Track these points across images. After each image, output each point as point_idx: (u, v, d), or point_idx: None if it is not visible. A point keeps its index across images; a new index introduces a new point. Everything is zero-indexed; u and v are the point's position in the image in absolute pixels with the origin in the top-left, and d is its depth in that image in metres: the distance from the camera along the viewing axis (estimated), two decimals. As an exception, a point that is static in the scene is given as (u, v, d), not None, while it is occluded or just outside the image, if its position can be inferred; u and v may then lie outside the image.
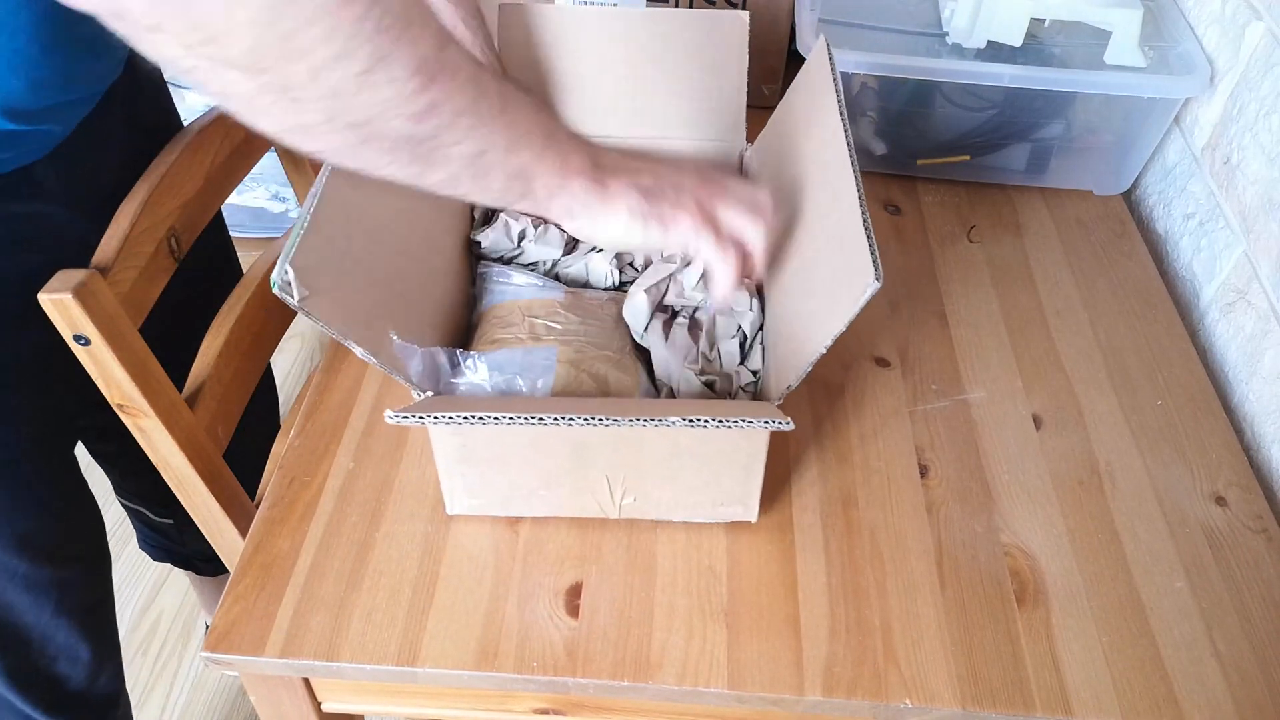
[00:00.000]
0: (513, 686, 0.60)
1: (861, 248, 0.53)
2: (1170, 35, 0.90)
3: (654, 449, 0.60)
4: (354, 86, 0.40)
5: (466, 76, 0.45)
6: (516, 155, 0.50)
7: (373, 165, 0.46)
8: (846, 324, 0.52)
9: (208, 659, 0.60)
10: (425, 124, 0.44)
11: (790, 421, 0.54)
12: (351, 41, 0.39)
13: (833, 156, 0.61)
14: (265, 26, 0.37)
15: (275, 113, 0.41)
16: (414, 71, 0.42)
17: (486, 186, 0.50)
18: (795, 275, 0.64)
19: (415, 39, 0.42)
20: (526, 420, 0.54)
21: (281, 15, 0.37)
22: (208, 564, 1.20)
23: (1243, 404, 0.78)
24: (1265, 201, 0.78)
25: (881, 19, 0.95)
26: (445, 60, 0.44)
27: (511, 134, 0.49)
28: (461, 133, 0.46)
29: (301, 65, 0.39)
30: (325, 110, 0.41)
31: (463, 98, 0.45)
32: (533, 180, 0.52)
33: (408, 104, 0.43)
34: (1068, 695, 0.58)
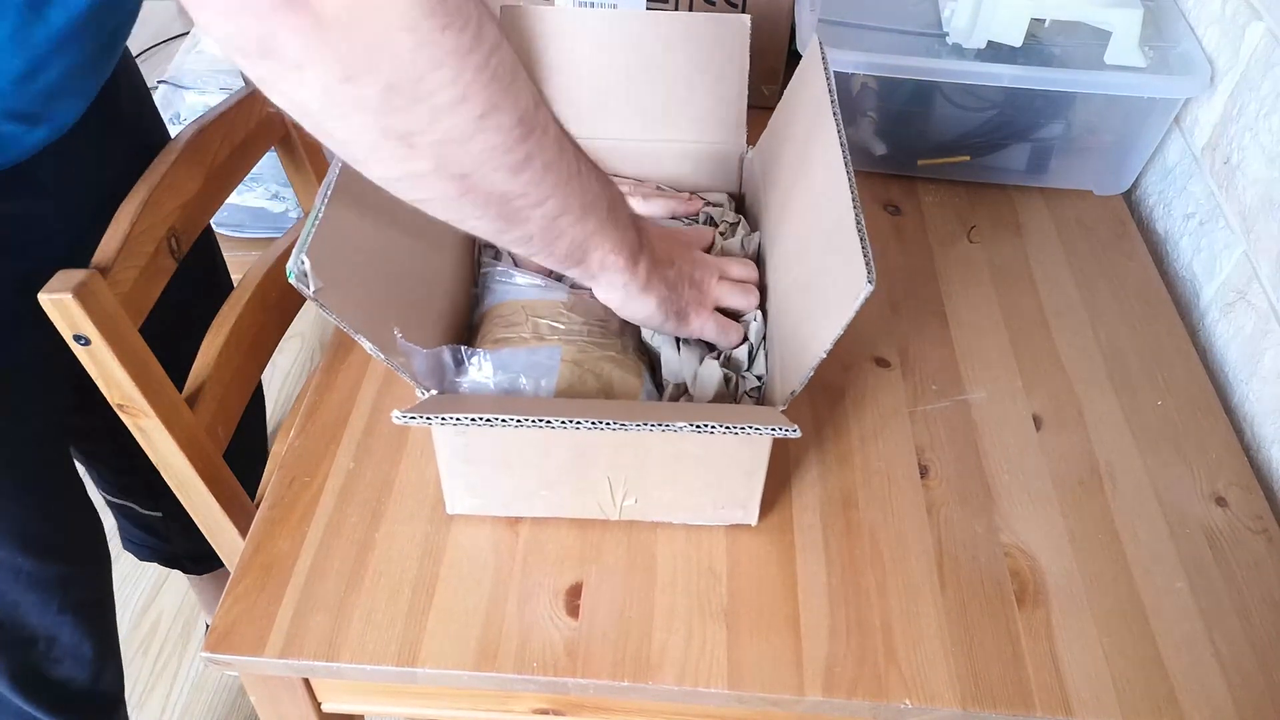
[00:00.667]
0: (513, 687, 0.60)
1: (855, 251, 0.53)
2: (1170, 35, 0.90)
3: (656, 452, 0.60)
4: (467, 131, 0.42)
5: (554, 136, 0.48)
6: (585, 223, 0.52)
7: (463, 217, 0.48)
8: (843, 328, 0.52)
9: (208, 659, 0.60)
10: (520, 177, 0.46)
11: (796, 429, 0.54)
12: (472, 87, 0.41)
13: (827, 158, 0.61)
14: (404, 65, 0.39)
15: (390, 160, 0.43)
16: (518, 121, 0.44)
17: (552, 250, 0.53)
18: (795, 280, 0.64)
19: (520, 91, 0.44)
20: (533, 423, 0.54)
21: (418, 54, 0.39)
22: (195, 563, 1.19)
23: (1243, 404, 0.78)
24: (1265, 201, 0.78)
25: (881, 19, 0.95)
26: (539, 116, 0.46)
27: (583, 199, 0.51)
28: (547, 190, 0.48)
29: (424, 107, 0.41)
30: (437, 157, 0.43)
31: (551, 154, 0.47)
32: (590, 252, 0.54)
33: (509, 154, 0.45)
34: (1068, 695, 0.58)
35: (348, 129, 0.42)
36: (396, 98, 0.40)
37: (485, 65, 0.41)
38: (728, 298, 0.66)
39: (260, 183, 1.52)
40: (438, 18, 0.39)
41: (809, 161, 0.66)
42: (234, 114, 0.84)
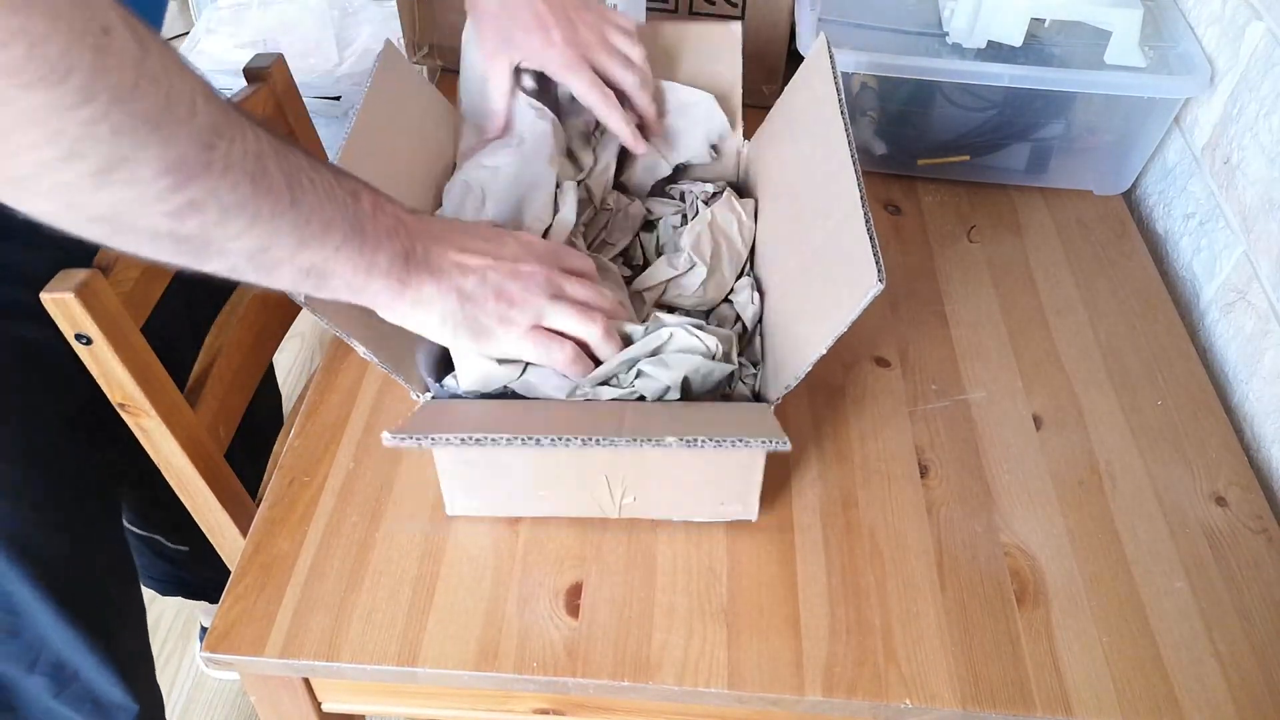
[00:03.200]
0: (513, 686, 0.60)
1: (865, 249, 0.53)
2: (1170, 35, 0.90)
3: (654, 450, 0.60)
4: (89, 185, 0.37)
5: (243, 173, 0.42)
6: (307, 251, 0.46)
7: (138, 252, 0.42)
8: (848, 325, 0.52)
9: (208, 659, 0.60)
10: (187, 221, 0.41)
11: (788, 441, 0.54)
12: (80, 144, 0.36)
13: (834, 156, 0.61)
14: None
15: (14, 199, 0.38)
16: (163, 172, 0.39)
17: (276, 279, 0.47)
18: (794, 274, 0.64)
19: (170, 136, 0.38)
20: (525, 442, 0.54)
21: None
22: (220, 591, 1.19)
23: (1243, 404, 0.78)
24: (1265, 201, 0.78)
25: (881, 19, 0.95)
26: (212, 159, 0.40)
27: (303, 232, 0.46)
28: (236, 230, 0.43)
29: (24, 160, 0.36)
30: (61, 202, 0.38)
31: (233, 197, 0.42)
32: (329, 277, 0.49)
33: (159, 203, 0.39)
34: (1068, 695, 0.58)
35: None
36: None
37: (102, 118, 0.35)
38: (556, 318, 0.58)
39: (261, 183, 1.52)
40: (20, 75, 0.33)
41: (813, 157, 0.66)
42: (234, 114, 0.84)
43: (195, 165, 0.40)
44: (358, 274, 0.50)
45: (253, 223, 0.43)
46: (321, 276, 0.48)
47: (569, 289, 0.59)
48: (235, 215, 0.42)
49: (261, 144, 0.43)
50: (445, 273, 0.54)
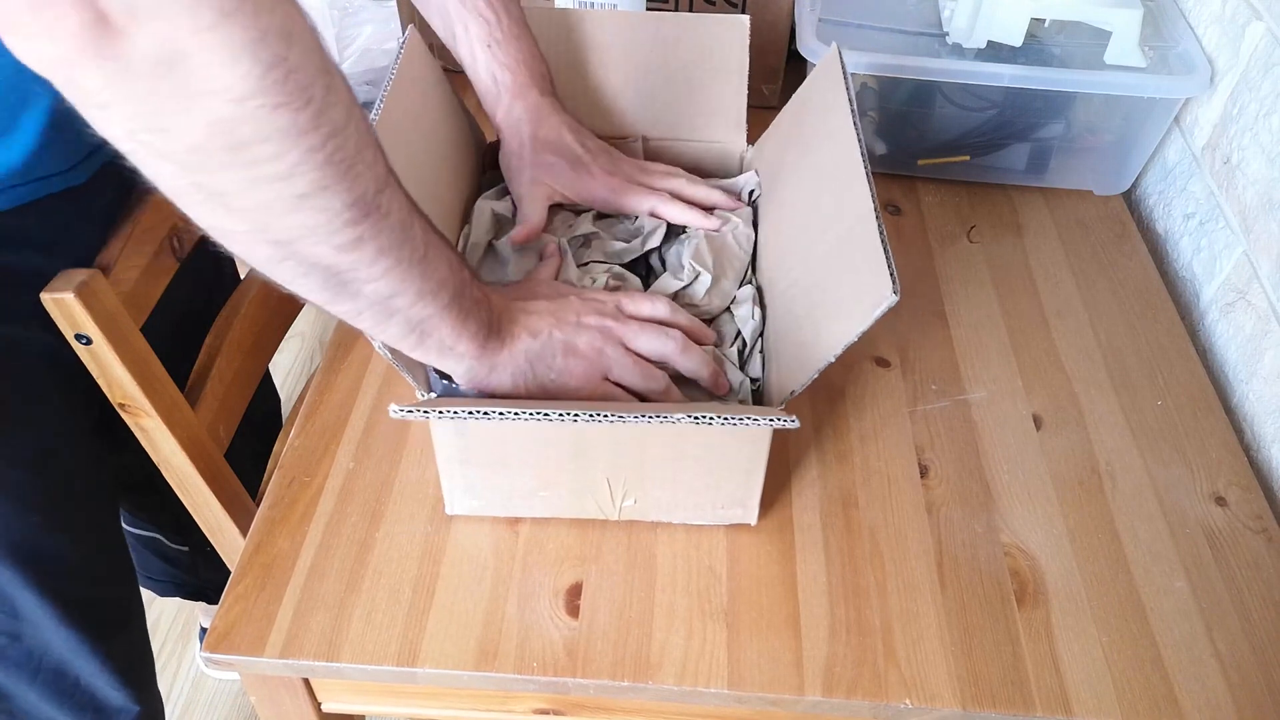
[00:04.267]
0: (513, 687, 0.60)
1: (879, 260, 0.53)
2: (1170, 35, 0.90)
3: (655, 451, 0.60)
4: (288, 207, 0.41)
5: (397, 220, 0.46)
6: (422, 306, 0.50)
7: (285, 281, 0.46)
8: (858, 335, 0.52)
9: (208, 659, 0.60)
10: (347, 256, 0.45)
11: (795, 419, 0.54)
12: (299, 166, 0.39)
13: (844, 163, 0.61)
14: (221, 132, 0.37)
15: (203, 210, 0.41)
16: (348, 205, 0.42)
17: (386, 329, 0.51)
18: (800, 280, 0.64)
19: (359, 175, 0.42)
20: (530, 415, 0.54)
21: (240, 124, 0.37)
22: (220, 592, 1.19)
23: (1243, 404, 0.78)
24: (1265, 201, 0.78)
25: (881, 19, 0.95)
26: (380, 201, 0.44)
27: (424, 285, 0.50)
28: (379, 272, 0.47)
29: (241, 175, 0.39)
30: (252, 221, 0.41)
31: (388, 239, 0.46)
32: (429, 335, 0.53)
33: (336, 235, 0.43)
34: (1068, 695, 0.58)
35: (157, 170, 0.39)
36: (209, 160, 0.38)
37: (321, 147, 0.39)
38: (619, 371, 0.61)
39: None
40: (270, 96, 0.37)
41: (820, 164, 0.66)
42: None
43: (370, 204, 0.44)
44: (452, 334, 0.54)
45: (393, 266, 0.47)
46: (423, 333, 0.52)
47: (633, 340, 0.61)
48: (384, 256, 0.46)
49: (406, 200, 0.47)
50: (516, 338, 0.58)
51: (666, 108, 0.78)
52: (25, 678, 0.82)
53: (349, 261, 0.45)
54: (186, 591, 1.18)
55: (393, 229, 0.46)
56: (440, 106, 0.72)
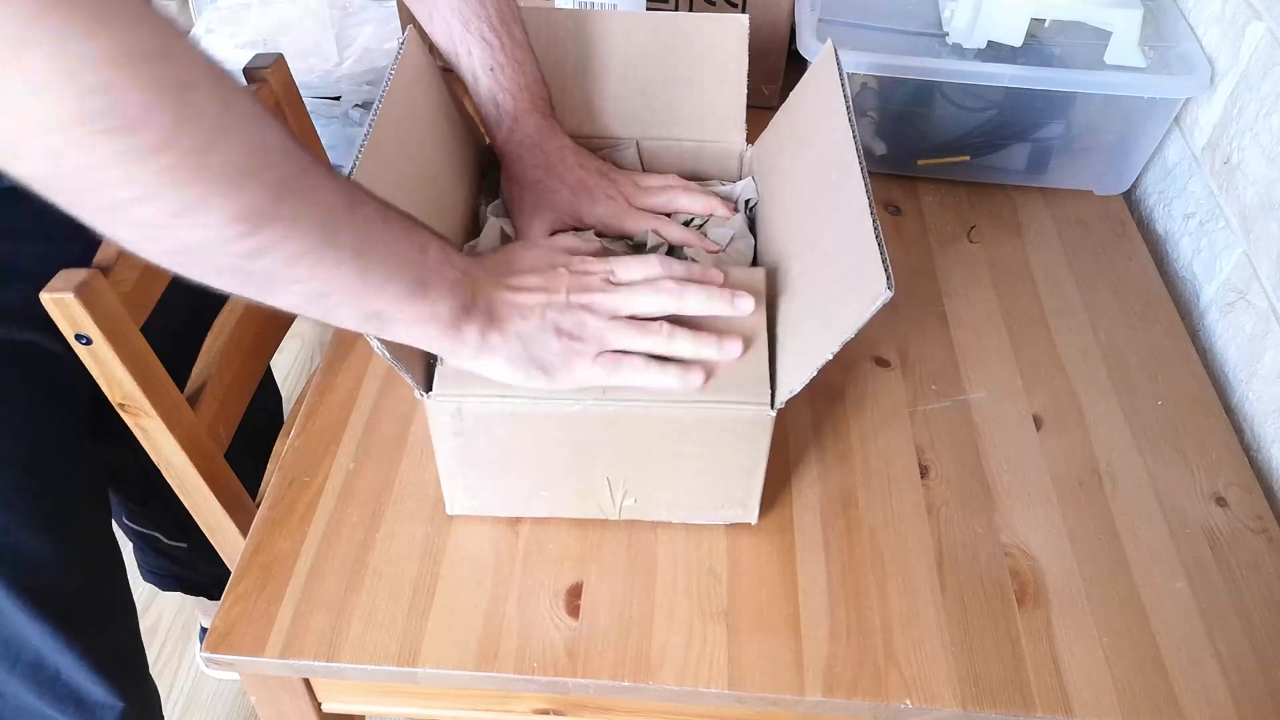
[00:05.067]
0: (513, 687, 0.60)
1: (874, 256, 0.53)
2: (1170, 35, 0.90)
3: (655, 450, 0.60)
4: (166, 223, 0.40)
5: (314, 225, 0.44)
6: (369, 300, 0.49)
7: (212, 284, 0.44)
8: (854, 332, 0.52)
9: (208, 659, 0.60)
10: (255, 263, 0.43)
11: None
12: (153, 188, 0.38)
13: (840, 161, 0.61)
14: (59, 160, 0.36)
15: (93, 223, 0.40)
16: (233, 219, 0.41)
17: (340, 320, 0.50)
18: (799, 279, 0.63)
19: (241, 188, 0.41)
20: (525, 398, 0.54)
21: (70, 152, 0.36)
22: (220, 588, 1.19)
23: (1243, 404, 0.78)
24: (1265, 201, 0.78)
25: (881, 19, 0.95)
26: (281, 210, 0.43)
27: (364, 282, 0.48)
28: (301, 274, 0.45)
29: (102, 197, 0.38)
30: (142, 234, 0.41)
31: (300, 244, 0.44)
32: (390, 323, 0.51)
33: (229, 245, 0.42)
34: (1068, 695, 0.58)
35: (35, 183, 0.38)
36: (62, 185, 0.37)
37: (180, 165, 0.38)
38: (618, 340, 0.58)
39: (260, 183, 1.52)
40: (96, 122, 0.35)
41: (818, 163, 0.66)
42: (234, 114, 0.84)
43: (266, 214, 0.42)
44: (419, 323, 0.52)
45: (315, 269, 0.45)
46: (383, 321, 0.51)
47: (625, 308, 0.59)
48: (299, 262, 0.44)
49: (335, 197, 0.46)
50: (506, 319, 0.56)
51: (666, 107, 0.78)
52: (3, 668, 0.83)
53: (261, 266, 0.43)
54: (186, 586, 1.19)
55: (307, 234, 0.44)
56: (439, 107, 0.72)
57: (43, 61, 0.34)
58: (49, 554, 0.79)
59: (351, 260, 0.47)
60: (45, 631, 0.81)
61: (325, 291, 0.47)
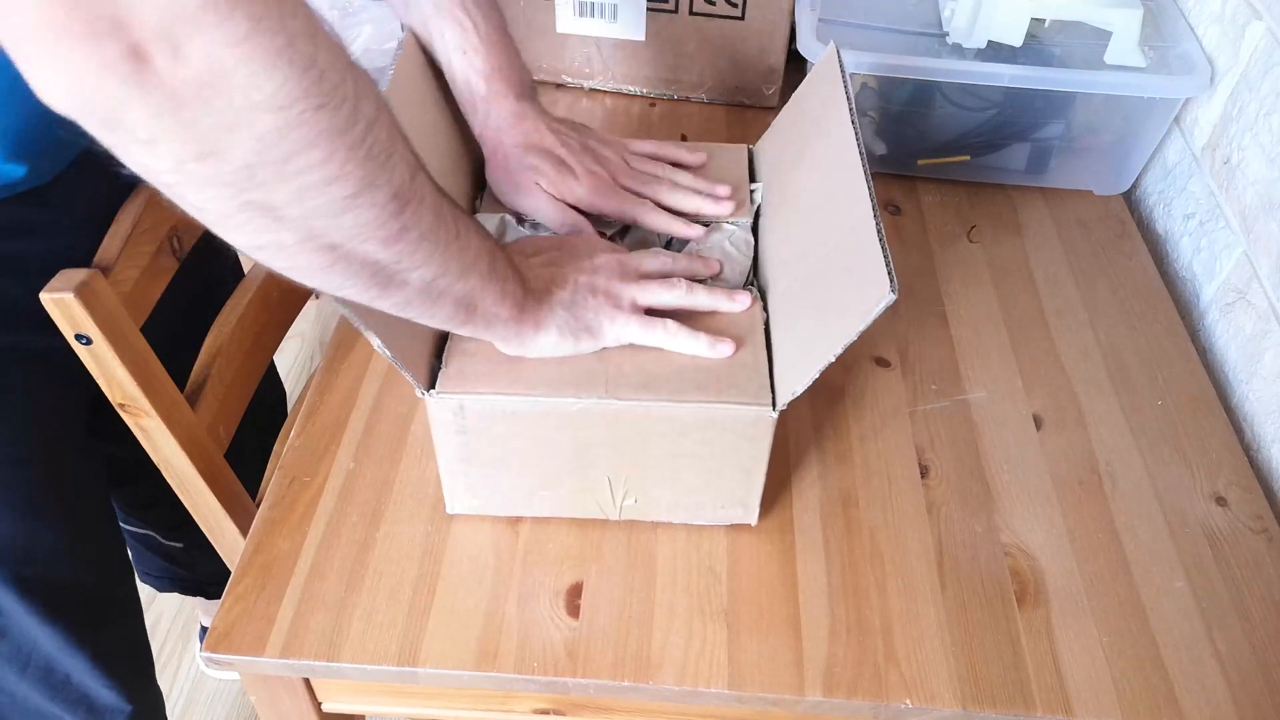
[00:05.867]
0: (513, 686, 0.60)
1: (877, 258, 0.53)
2: (1170, 35, 0.90)
3: (655, 450, 0.60)
4: (339, 208, 0.41)
5: (431, 203, 0.47)
6: (465, 281, 0.51)
7: (332, 287, 0.46)
8: (857, 334, 0.52)
9: (208, 659, 0.60)
10: (394, 248, 0.45)
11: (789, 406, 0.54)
12: (346, 166, 0.39)
13: (843, 162, 0.61)
14: (271, 144, 0.37)
15: (250, 230, 0.40)
16: (392, 196, 0.43)
17: (435, 311, 0.52)
18: (801, 280, 0.64)
19: (396, 165, 0.43)
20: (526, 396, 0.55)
21: (286, 136, 0.37)
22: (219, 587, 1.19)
23: (1243, 404, 0.78)
24: (1265, 201, 0.78)
25: (881, 19, 0.95)
26: (416, 187, 0.45)
27: (463, 260, 0.50)
28: (422, 257, 0.47)
29: (293, 185, 0.39)
30: (304, 230, 0.41)
31: (428, 224, 0.46)
32: (476, 308, 0.53)
33: (383, 228, 0.43)
34: (1068, 695, 0.58)
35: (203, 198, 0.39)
36: (259, 174, 0.37)
37: (360, 144, 0.40)
38: (646, 295, 0.62)
39: (260, 183, 1.52)
40: (312, 98, 0.37)
41: (821, 164, 0.66)
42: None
43: (408, 193, 0.44)
44: (498, 302, 0.54)
45: (434, 249, 0.47)
46: (470, 308, 0.53)
47: (641, 266, 0.63)
48: (426, 240, 0.46)
49: (433, 180, 0.48)
50: (547, 293, 0.59)
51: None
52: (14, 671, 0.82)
53: (395, 253, 0.45)
54: (184, 587, 1.18)
55: (429, 212, 0.46)
56: (438, 107, 0.72)
57: (271, 38, 0.34)
58: (59, 553, 0.79)
59: (456, 241, 0.49)
60: (56, 634, 0.81)
61: (438, 274, 0.49)
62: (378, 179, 0.41)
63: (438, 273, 0.49)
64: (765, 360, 0.60)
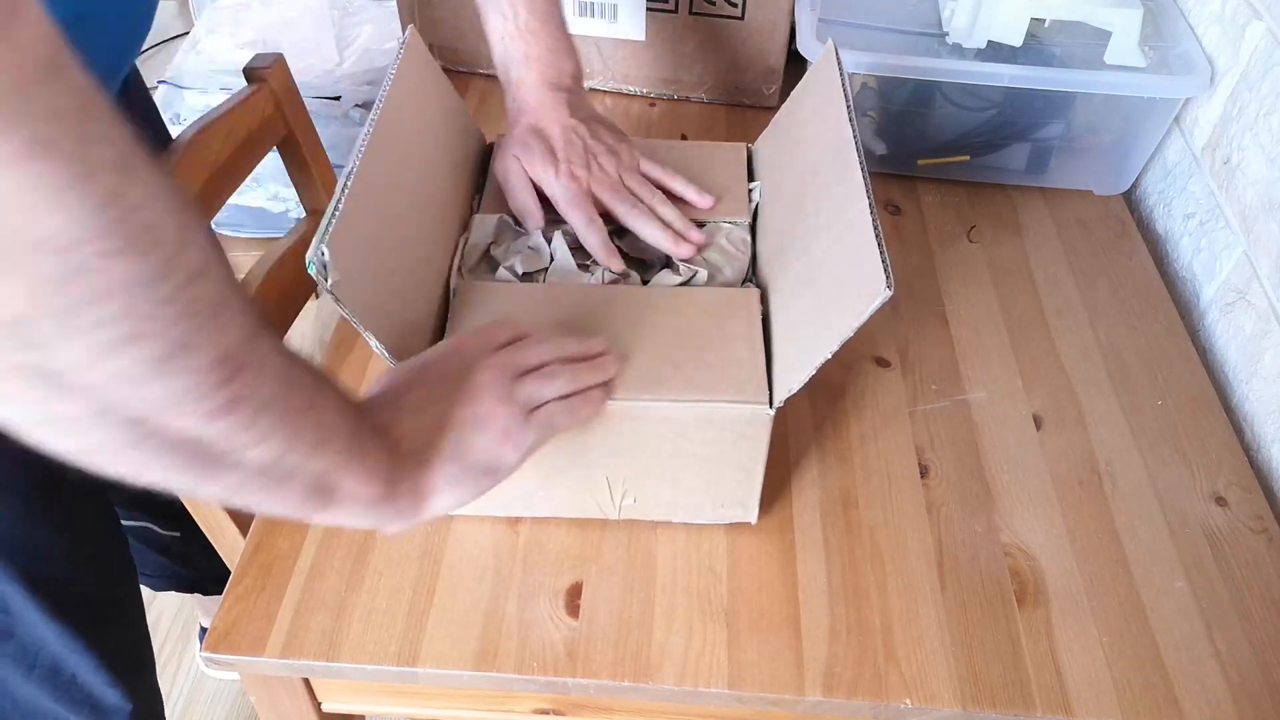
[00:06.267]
0: (513, 687, 0.60)
1: (873, 255, 0.53)
2: (1170, 35, 0.90)
3: (654, 449, 0.60)
4: (142, 374, 0.33)
5: (276, 367, 0.39)
6: (320, 455, 0.43)
7: (134, 471, 0.38)
8: (854, 330, 0.52)
9: (208, 659, 0.60)
10: (220, 422, 0.37)
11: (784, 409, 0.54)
12: (150, 324, 0.32)
13: (841, 161, 0.61)
14: (50, 292, 0.30)
15: (24, 402, 0.33)
16: (217, 362, 0.35)
17: (279, 499, 0.43)
18: (799, 278, 0.64)
19: (225, 326, 0.36)
20: None
21: (73, 279, 0.30)
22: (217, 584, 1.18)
23: (1243, 404, 0.78)
24: (1265, 201, 0.78)
25: (881, 19, 0.95)
26: (254, 350, 0.38)
27: (319, 432, 0.42)
28: (260, 433, 0.39)
29: (81, 344, 0.31)
30: (98, 401, 0.34)
31: (269, 392, 0.39)
32: (334, 492, 0.45)
33: (205, 400, 0.36)
34: (1068, 695, 0.58)
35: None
36: (37, 332, 0.30)
37: (175, 297, 0.33)
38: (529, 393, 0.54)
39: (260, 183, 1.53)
40: (106, 240, 0.30)
41: (818, 163, 0.66)
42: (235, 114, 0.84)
43: (241, 356, 0.37)
44: (362, 481, 0.46)
45: (280, 421, 0.40)
46: (327, 492, 0.45)
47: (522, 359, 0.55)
48: (267, 411, 0.39)
49: (282, 343, 0.41)
50: (426, 449, 0.50)
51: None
52: (21, 672, 0.82)
53: (221, 428, 0.37)
54: (180, 584, 1.18)
55: (272, 377, 0.39)
56: (440, 107, 0.72)
57: (62, 166, 0.29)
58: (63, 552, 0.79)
59: (309, 410, 0.42)
60: (62, 633, 0.81)
61: (283, 452, 0.41)
62: (197, 340, 0.34)
63: (282, 451, 0.40)
64: (763, 359, 0.60)
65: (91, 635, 0.84)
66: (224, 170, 0.84)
